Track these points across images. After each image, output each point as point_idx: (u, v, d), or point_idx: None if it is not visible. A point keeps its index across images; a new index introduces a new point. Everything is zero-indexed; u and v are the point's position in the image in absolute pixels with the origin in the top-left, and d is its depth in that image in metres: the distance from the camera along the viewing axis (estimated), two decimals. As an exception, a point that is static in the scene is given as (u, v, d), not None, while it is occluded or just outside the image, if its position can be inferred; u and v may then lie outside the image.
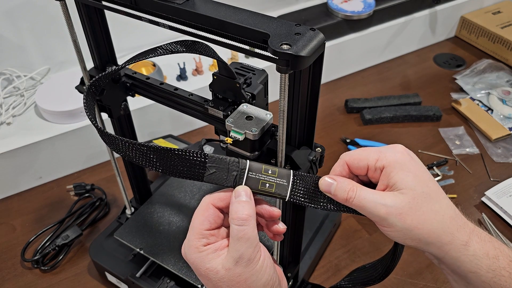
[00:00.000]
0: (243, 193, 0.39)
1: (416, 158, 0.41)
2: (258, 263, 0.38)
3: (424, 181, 0.39)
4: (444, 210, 0.39)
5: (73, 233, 0.81)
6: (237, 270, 0.38)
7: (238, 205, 0.39)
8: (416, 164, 0.40)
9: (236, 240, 0.38)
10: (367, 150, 0.41)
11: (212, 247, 0.39)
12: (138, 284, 0.68)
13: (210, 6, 0.44)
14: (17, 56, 0.96)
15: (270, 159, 0.49)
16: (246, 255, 0.38)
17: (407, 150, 0.41)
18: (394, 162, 0.39)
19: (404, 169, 0.39)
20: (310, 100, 0.46)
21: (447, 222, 0.38)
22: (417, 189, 0.38)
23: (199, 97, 0.57)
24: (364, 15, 1.14)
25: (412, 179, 0.39)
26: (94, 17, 0.57)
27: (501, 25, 1.28)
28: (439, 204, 0.39)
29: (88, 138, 0.93)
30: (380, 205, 0.38)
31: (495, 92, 1.12)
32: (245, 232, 0.38)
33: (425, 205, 0.38)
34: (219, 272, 0.38)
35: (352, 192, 0.40)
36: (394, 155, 0.40)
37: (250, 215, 0.38)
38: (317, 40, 0.39)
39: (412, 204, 0.38)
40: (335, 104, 1.13)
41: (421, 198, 0.38)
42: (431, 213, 0.38)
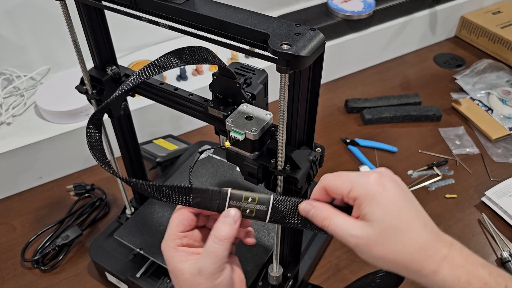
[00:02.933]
0: (231, 217, 0.44)
1: (391, 188, 0.41)
2: (218, 280, 0.43)
3: (394, 214, 0.40)
4: (413, 241, 0.39)
5: (73, 233, 0.81)
6: (198, 279, 0.43)
7: (222, 225, 0.43)
8: (389, 195, 0.40)
9: (206, 254, 0.43)
10: (342, 178, 0.42)
11: (185, 251, 0.44)
12: (138, 284, 0.68)
13: (210, 6, 0.44)
14: (17, 56, 0.96)
15: (270, 159, 0.49)
16: (209, 269, 0.42)
17: (383, 179, 0.41)
18: (365, 194, 0.40)
19: (373, 202, 0.40)
20: (310, 100, 0.46)
21: (415, 253, 0.39)
22: (385, 221, 0.39)
23: (199, 97, 0.57)
24: (364, 15, 1.14)
25: (380, 212, 0.40)
26: (94, 17, 0.57)
27: (501, 25, 1.28)
28: (409, 235, 0.39)
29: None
30: (350, 235, 0.41)
31: (495, 92, 1.12)
32: (216, 250, 0.43)
33: (392, 237, 0.39)
34: (184, 274, 0.43)
35: (327, 220, 0.42)
36: (365, 187, 0.41)
37: (227, 238, 0.43)
38: (317, 40, 0.39)
39: (379, 236, 0.39)
40: (335, 104, 1.13)
41: (389, 230, 0.39)
42: (399, 244, 0.39)
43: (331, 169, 0.95)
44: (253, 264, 0.67)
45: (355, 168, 0.96)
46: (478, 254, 0.83)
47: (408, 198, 0.42)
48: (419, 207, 0.42)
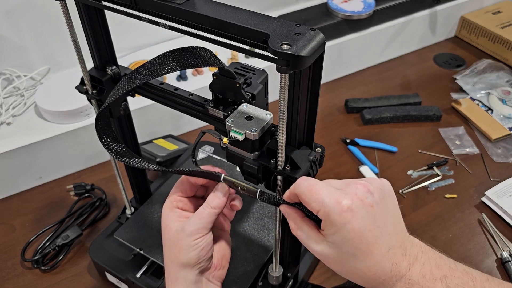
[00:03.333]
0: (221, 191, 0.51)
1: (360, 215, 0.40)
2: (196, 240, 0.49)
3: (354, 243, 0.40)
4: (368, 268, 0.41)
5: (73, 233, 0.81)
6: (180, 234, 0.49)
7: (213, 197, 0.51)
8: (354, 225, 0.40)
9: (194, 216, 0.50)
10: (314, 196, 0.42)
11: (179, 213, 0.51)
12: (138, 284, 0.68)
13: (210, 6, 0.44)
14: (17, 56, 0.96)
15: (270, 159, 0.49)
16: (191, 228, 0.49)
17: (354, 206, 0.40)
18: (332, 221, 0.41)
19: (336, 229, 0.41)
20: (310, 100, 0.46)
21: (369, 278, 0.42)
22: (343, 249, 0.41)
23: (199, 97, 0.57)
24: (364, 15, 1.14)
25: (340, 240, 0.41)
26: (94, 17, 0.57)
27: (501, 25, 1.28)
28: (364, 263, 0.41)
29: (88, 138, 0.93)
30: (311, 248, 0.44)
31: (495, 92, 1.12)
32: (202, 213, 0.50)
33: (348, 262, 0.42)
34: (171, 231, 0.50)
35: (294, 230, 0.46)
36: (332, 215, 0.40)
37: (215, 207, 0.50)
38: (317, 40, 0.39)
39: (336, 258, 0.42)
40: (335, 104, 1.13)
41: (346, 256, 0.41)
42: (354, 269, 0.42)
43: (331, 169, 0.96)
44: (253, 264, 0.67)
45: (355, 168, 0.96)
46: (478, 254, 0.84)
47: (378, 223, 0.41)
48: (390, 227, 0.42)
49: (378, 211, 0.42)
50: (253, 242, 0.70)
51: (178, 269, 0.50)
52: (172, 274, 0.50)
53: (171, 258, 0.50)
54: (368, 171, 0.95)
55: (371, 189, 0.42)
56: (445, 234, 0.83)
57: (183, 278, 0.50)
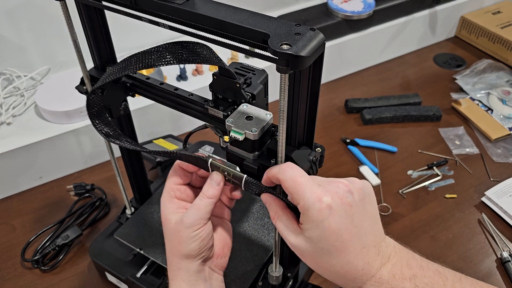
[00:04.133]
0: (215, 181, 0.51)
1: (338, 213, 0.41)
2: (196, 231, 0.49)
3: (330, 240, 0.41)
4: (341, 266, 0.42)
5: (73, 233, 0.81)
6: (180, 226, 0.49)
7: (208, 187, 0.50)
8: (331, 222, 0.41)
9: (191, 207, 0.50)
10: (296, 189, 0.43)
11: (178, 204, 0.51)
12: (138, 284, 0.68)
13: (210, 6, 0.44)
14: (17, 56, 0.96)
15: (270, 159, 0.49)
16: (190, 219, 0.49)
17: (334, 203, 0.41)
18: (309, 215, 0.42)
19: (314, 225, 0.42)
20: (310, 100, 0.46)
21: (340, 275, 0.43)
22: (319, 244, 0.42)
23: (199, 97, 0.57)
24: (364, 15, 1.14)
25: (316, 236, 0.42)
26: (94, 17, 0.57)
27: (501, 25, 1.28)
28: (338, 260, 0.42)
29: (88, 138, 0.93)
30: (287, 240, 0.45)
31: (495, 92, 1.12)
32: (199, 204, 0.49)
33: (322, 257, 0.43)
34: (170, 223, 0.50)
35: (273, 220, 0.47)
36: (312, 210, 0.41)
37: (211, 196, 0.50)
38: (317, 40, 0.39)
39: (310, 252, 0.43)
40: (335, 104, 1.13)
41: (321, 252, 0.42)
42: (327, 265, 0.43)
43: (331, 169, 0.96)
44: (253, 264, 0.67)
45: (355, 168, 0.96)
46: (478, 254, 0.83)
47: (355, 221, 0.42)
48: (367, 226, 0.43)
49: (356, 211, 0.42)
50: (253, 242, 0.70)
51: (179, 260, 0.50)
52: (174, 264, 0.50)
53: (172, 251, 0.50)
54: (368, 171, 0.95)
55: (352, 189, 0.43)
56: (445, 234, 0.83)
57: (185, 269, 0.50)
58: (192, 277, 0.50)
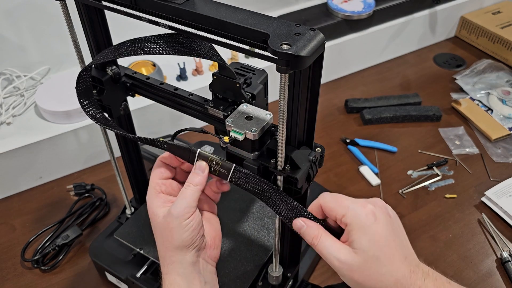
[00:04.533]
0: (200, 168, 0.50)
1: (382, 220, 0.44)
2: (186, 221, 0.48)
3: (379, 246, 0.43)
4: (390, 274, 0.43)
5: (73, 233, 0.81)
6: (169, 218, 0.48)
7: (193, 175, 0.50)
8: (378, 228, 0.44)
9: (178, 197, 0.49)
10: (338, 202, 0.46)
11: (164, 198, 0.51)
12: (138, 284, 0.68)
13: (210, 6, 0.44)
14: (17, 56, 0.96)
15: (270, 159, 0.49)
16: (178, 209, 0.48)
17: (377, 211, 0.44)
18: (356, 223, 0.44)
19: (362, 232, 0.43)
20: (310, 100, 0.46)
21: (391, 285, 0.43)
22: (369, 252, 0.43)
23: (199, 97, 0.57)
24: (364, 15, 1.14)
25: (366, 242, 0.43)
26: (94, 17, 0.57)
27: (501, 25, 1.28)
28: (388, 268, 0.43)
29: (88, 138, 0.93)
30: (335, 258, 0.44)
31: (495, 92, 1.12)
32: (186, 192, 0.49)
33: (373, 267, 0.43)
34: (158, 218, 0.49)
35: (316, 239, 0.46)
36: (359, 216, 0.44)
37: (197, 184, 0.49)
38: (317, 40, 0.39)
39: (361, 264, 0.43)
40: (335, 104, 1.13)
41: (371, 261, 0.43)
42: (377, 275, 0.43)
43: (331, 169, 0.96)
44: (253, 264, 0.67)
45: (355, 168, 0.96)
46: (478, 254, 0.84)
47: (395, 231, 0.45)
48: (404, 240, 0.46)
49: (395, 222, 0.46)
50: (253, 242, 0.70)
51: (173, 253, 0.49)
52: (168, 259, 0.50)
53: (164, 244, 0.50)
54: (368, 171, 0.95)
55: (387, 205, 0.47)
56: (445, 234, 0.83)
57: (180, 261, 0.49)
58: (187, 269, 0.50)
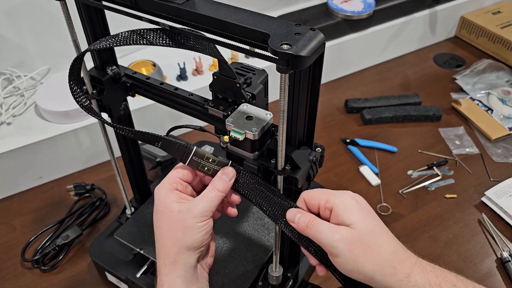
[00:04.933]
0: (227, 175, 0.50)
1: (363, 204, 0.47)
2: (201, 223, 0.48)
3: (369, 219, 0.45)
4: (387, 245, 0.44)
5: (73, 233, 0.81)
6: (186, 215, 0.48)
7: (220, 181, 0.50)
8: (361, 206, 0.46)
9: (201, 197, 0.49)
10: (320, 191, 0.48)
11: (180, 195, 0.50)
12: (138, 284, 0.68)
13: (210, 6, 0.44)
14: (17, 56, 0.96)
15: (270, 159, 0.49)
16: (198, 209, 0.48)
17: (354, 196, 0.47)
18: (342, 203, 0.46)
19: (350, 210, 0.45)
20: (310, 100, 0.46)
21: (390, 256, 0.43)
22: (364, 225, 0.44)
23: (199, 97, 0.57)
24: (364, 15, 1.14)
25: (357, 216, 0.45)
26: (94, 17, 0.57)
27: (501, 25, 1.28)
28: (383, 239, 0.44)
29: (88, 138, 0.93)
30: (334, 233, 0.44)
31: (495, 92, 1.12)
32: (210, 196, 0.49)
33: (371, 239, 0.44)
34: (172, 212, 0.48)
35: (310, 223, 0.46)
36: (341, 199, 0.46)
37: (221, 190, 0.50)
38: (317, 40, 0.39)
39: (360, 237, 0.44)
40: (335, 104, 1.13)
41: (367, 232, 0.44)
42: (376, 247, 0.43)
43: (331, 169, 0.96)
44: (253, 264, 0.67)
45: (355, 168, 0.96)
46: (478, 254, 0.84)
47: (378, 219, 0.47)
48: None
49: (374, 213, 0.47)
50: (253, 242, 0.70)
51: (179, 251, 0.48)
52: (172, 256, 0.48)
53: (172, 240, 0.48)
54: (368, 171, 0.95)
55: None
56: (445, 234, 0.83)
57: (184, 262, 0.49)
58: (188, 272, 0.49)
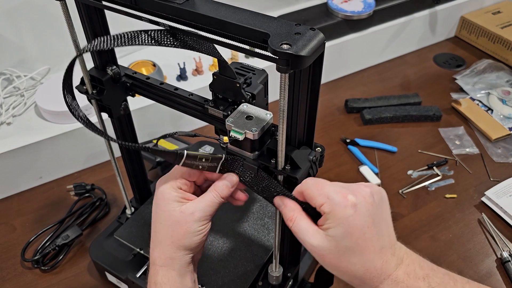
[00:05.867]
0: (229, 181, 0.50)
1: (362, 211, 0.43)
2: (201, 226, 0.49)
3: (354, 238, 0.43)
4: (361, 263, 0.43)
5: (73, 233, 0.81)
6: (188, 217, 0.48)
7: (223, 187, 0.50)
8: (356, 219, 0.43)
9: (203, 200, 0.49)
10: (319, 190, 0.45)
11: (183, 194, 0.50)
12: (138, 284, 0.68)
13: (210, 6, 0.44)
14: (17, 56, 0.96)
15: (270, 159, 0.49)
16: (201, 213, 0.48)
17: (358, 201, 0.44)
18: (334, 214, 0.43)
19: (338, 223, 0.43)
20: (310, 100, 0.46)
21: (360, 273, 0.44)
22: (342, 242, 0.43)
23: (199, 97, 0.57)
24: (364, 15, 1.14)
25: (341, 233, 0.43)
26: (94, 17, 0.57)
27: (501, 25, 1.28)
28: (359, 258, 0.43)
29: (88, 138, 0.93)
30: (308, 242, 0.45)
31: (495, 92, 1.12)
32: (212, 200, 0.49)
33: (344, 256, 0.44)
34: (174, 211, 0.49)
35: (290, 221, 0.47)
36: (337, 207, 0.43)
37: (224, 197, 0.50)
38: (317, 40, 0.39)
39: (332, 251, 0.44)
40: (335, 104, 1.13)
41: (343, 250, 0.43)
42: (347, 263, 0.44)
43: (331, 169, 0.96)
44: (253, 264, 0.67)
45: (355, 168, 0.96)
46: (478, 254, 0.84)
47: (376, 221, 0.44)
48: (385, 228, 0.45)
49: (377, 211, 0.45)
50: (253, 242, 0.70)
51: (177, 250, 0.50)
52: (169, 253, 0.50)
53: (171, 239, 0.50)
54: (368, 171, 0.95)
55: (373, 191, 0.45)
56: (445, 234, 0.83)
57: (179, 259, 0.50)
58: (182, 267, 0.50)
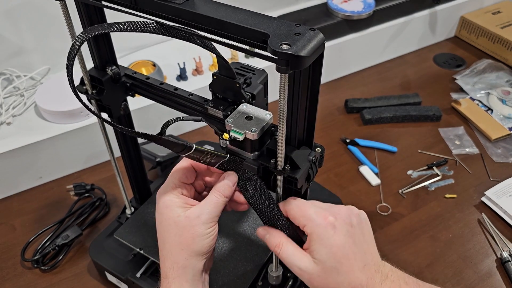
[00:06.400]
0: (230, 180, 0.51)
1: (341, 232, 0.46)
2: (209, 229, 0.48)
3: (337, 257, 0.45)
4: (348, 282, 0.46)
5: (73, 233, 0.81)
6: (194, 221, 0.48)
7: (225, 187, 0.50)
8: (336, 240, 0.46)
9: (207, 203, 0.49)
10: (302, 210, 0.48)
11: (185, 199, 0.50)
12: (138, 284, 0.68)
13: (210, 6, 0.44)
14: (17, 56, 0.96)
15: (270, 159, 0.49)
16: (206, 216, 0.48)
17: (338, 223, 0.46)
18: (317, 234, 0.46)
19: (321, 243, 0.46)
20: (310, 100, 0.46)
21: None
22: (328, 263, 0.45)
23: (199, 97, 0.57)
24: (364, 15, 1.14)
25: (325, 254, 0.46)
26: (94, 17, 0.57)
27: (501, 25, 1.28)
28: (345, 277, 0.46)
29: (88, 138, 0.93)
30: (296, 267, 0.47)
31: (495, 92, 1.12)
32: (216, 201, 0.49)
33: (331, 276, 0.46)
34: (179, 217, 0.49)
35: (278, 248, 0.48)
36: (318, 228, 0.46)
37: (227, 196, 0.50)
38: (317, 40, 0.39)
39: (320, 274, 0.46)
40: (335, 104, 1.13)
41: (330, 271, 0.46)
42: (335, 283, 0.46)
43: (331, 169, 0.96)
44: (253, 264, 0.67)
45: (355, 168, 0.96)
46: (478, 254, 0.84)
47: (356, 241, 0.47)
48: (366, 246, 0.48)
49: (356, 232, 0.47)
50: (253, 242, 0.70)
51: (188, 257, 0.49)
52: (181, 261, 0.49)
53: (181, 246, 0.49)
54: (368, 171, 0.95)
55: (351, 213, 0.48)
56: (445, 234, 0.83)
57: (192, 267, 0.49)
58: (196, 276, 0.50)
